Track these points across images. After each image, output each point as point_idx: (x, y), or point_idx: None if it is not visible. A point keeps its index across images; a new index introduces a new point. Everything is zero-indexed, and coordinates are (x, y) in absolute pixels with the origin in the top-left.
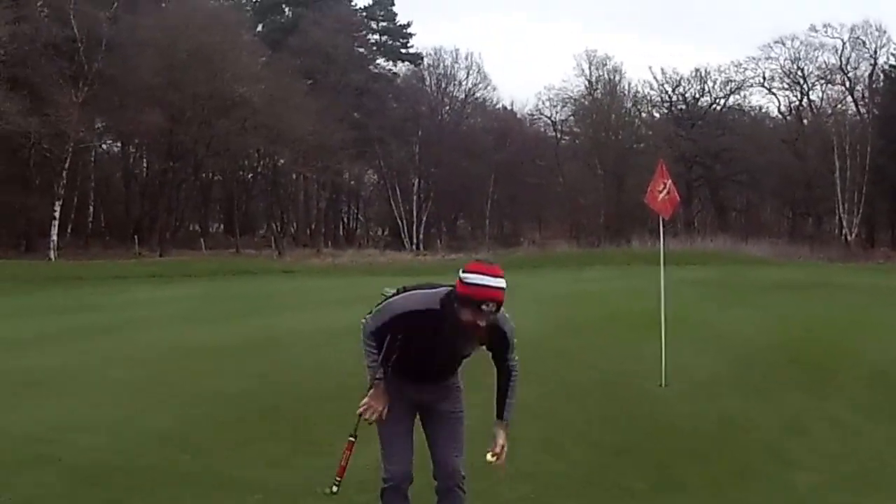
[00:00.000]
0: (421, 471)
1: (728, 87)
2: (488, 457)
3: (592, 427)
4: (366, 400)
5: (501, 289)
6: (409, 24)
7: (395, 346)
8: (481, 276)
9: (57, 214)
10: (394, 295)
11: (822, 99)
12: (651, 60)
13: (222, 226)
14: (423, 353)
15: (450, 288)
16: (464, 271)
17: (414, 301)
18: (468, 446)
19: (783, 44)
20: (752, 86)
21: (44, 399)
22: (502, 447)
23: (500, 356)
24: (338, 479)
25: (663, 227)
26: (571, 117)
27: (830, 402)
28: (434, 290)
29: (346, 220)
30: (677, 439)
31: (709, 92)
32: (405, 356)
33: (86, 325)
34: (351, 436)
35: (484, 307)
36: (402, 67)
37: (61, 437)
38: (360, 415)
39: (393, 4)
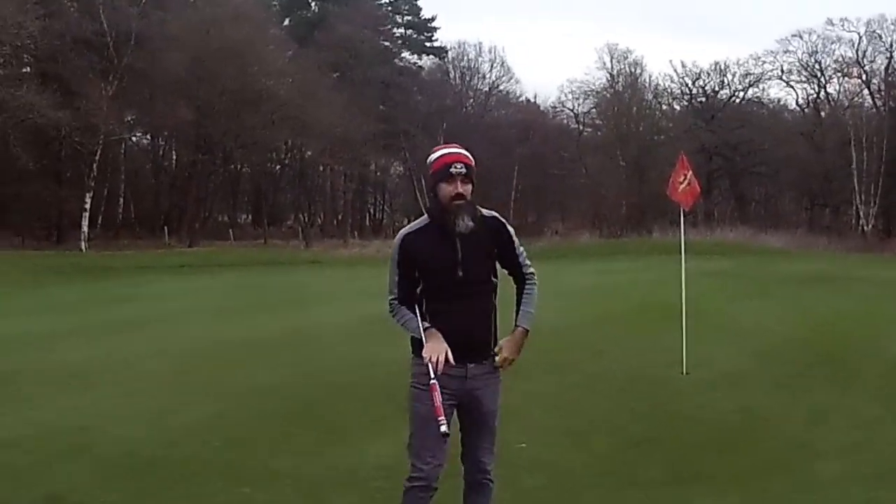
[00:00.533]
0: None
1: (747, 80)
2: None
3: (614, 417)
4: (427, 348)
5: (463, 153)
6: (433, 18)
7: (423, 312)
8: (440, 150)
9: (87, 206)
10: None
11: (839, 92)
12: (671, 54)
13: (250, 217)
14: (446, 285)
15: None
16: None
17: (409, 226)
18: None
19: (801, 37)
20: (770, 79)
21: (79, 391)
22: (510, 357)
23: (511, 261)
24: (441, 418)
25: (684, 217)
26: (593, 110)
27: (851, 394)
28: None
29: (371, 210)
30: (699, 430)
31: (728, 85)
32: (434, 304)
33: (119, 317)
34: (431, 380)
35: (453, 170)
36: (426, 61)
37: (96, 429)
38: (429, 363)
39: None
